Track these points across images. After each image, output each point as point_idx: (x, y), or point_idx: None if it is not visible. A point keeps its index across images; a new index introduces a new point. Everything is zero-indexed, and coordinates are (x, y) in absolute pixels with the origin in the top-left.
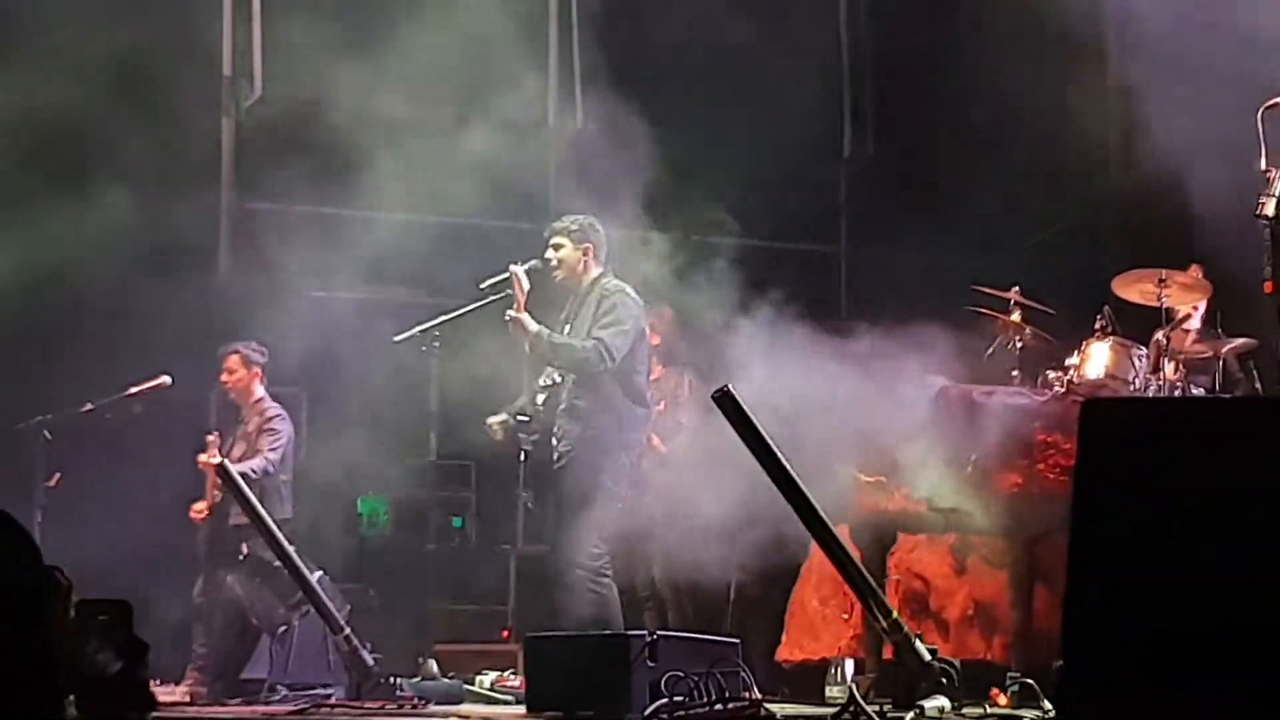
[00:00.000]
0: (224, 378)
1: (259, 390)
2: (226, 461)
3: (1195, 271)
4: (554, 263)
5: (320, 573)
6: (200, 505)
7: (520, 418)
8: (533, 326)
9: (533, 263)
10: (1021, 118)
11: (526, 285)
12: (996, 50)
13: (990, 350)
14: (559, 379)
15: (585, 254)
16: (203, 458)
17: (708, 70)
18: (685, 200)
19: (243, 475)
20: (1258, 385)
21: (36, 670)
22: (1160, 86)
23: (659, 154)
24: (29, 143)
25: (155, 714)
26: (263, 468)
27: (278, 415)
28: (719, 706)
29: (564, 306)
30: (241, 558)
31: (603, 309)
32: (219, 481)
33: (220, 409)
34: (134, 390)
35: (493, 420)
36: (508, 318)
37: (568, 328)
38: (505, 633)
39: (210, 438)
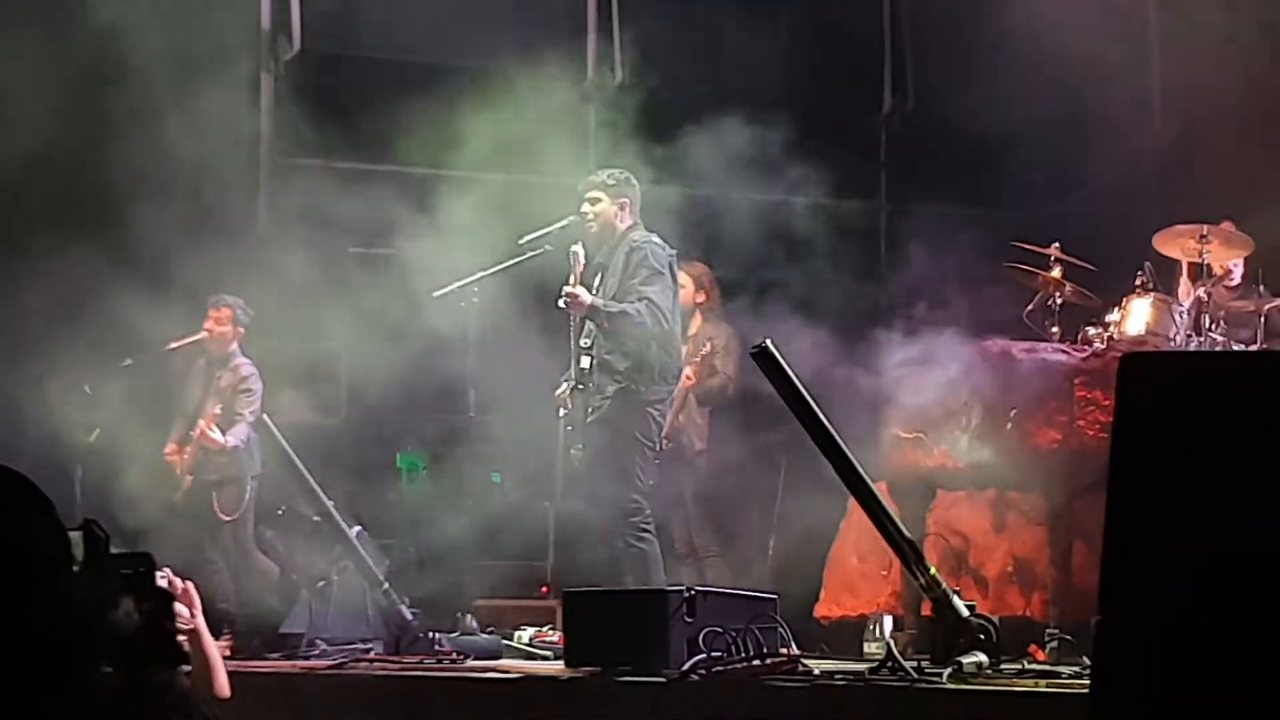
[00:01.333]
0: (208, 326)
1: (235, 348)
2: (266, 418)
3: (1229, 226)
4: (590, 217)
5: (359, 528)
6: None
7: (577, 385)
8: (588, 299)
9: (571, 218)
10: (1063, 73)
11: (583, 261)
12: (1037, 5)
13: (1030, 306)
14: (594, 334)
15: (621, 208)
16: (198, 431)
17: (745, 24)
18: (722, 156)
19: (235, 448)
20: None
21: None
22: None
23: (695, 110)
24: (67, 100)
25: (187, 668)
26: (246, 434)
27: (252, 374)
28: (757, 662)
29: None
30: (280, 512)
31: (634, 261)
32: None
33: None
34: (174, 345)
35: (558, 391)
36: (564, 293)
37: (597, 278)
38: (544, 589)
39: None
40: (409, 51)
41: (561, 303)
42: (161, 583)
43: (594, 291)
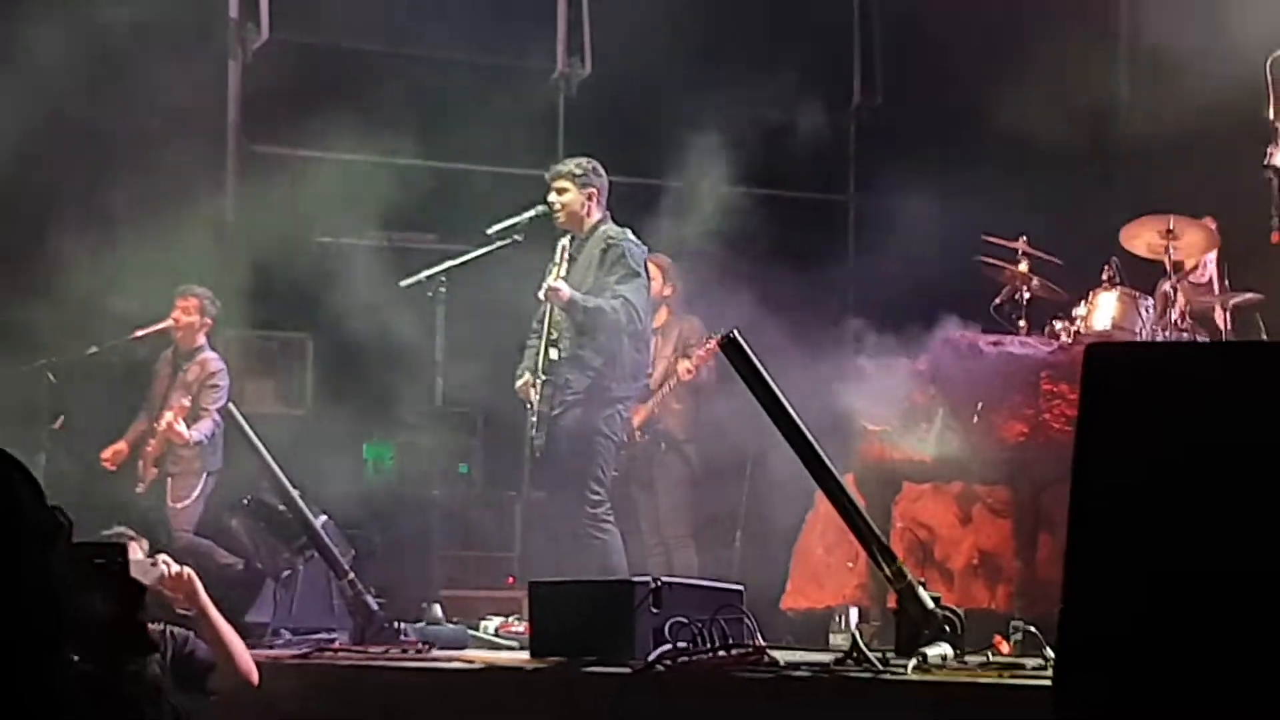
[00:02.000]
0: (175, 316)
1: (202, 340)
2: (232, 406)
3: (1206, 223)
4: (557, 206)
5: (325, 517)
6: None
7: (545, 376)
8: (567, 292)
9: (539, 209)
10: (1031, 68)
11: (566, 256)
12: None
13: (998, 300)
14: (564, 327)
15: (589, 199)
16: (161, 425)
17: (715, 16)
18: (692, 148)
19: (198, 443)
20: (1264, 338)
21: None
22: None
23: (666, 101)
24: (30, 86)
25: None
26: (211, 430)
27: (220, 370)
28: (723, 653)
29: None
30: (245, 502)
31: (611, 258)
32: (155, 451)
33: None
34: (140, 334)
35: (520, 383)
36: (545, 286)
37: (565, 267)
38: (510, 579)
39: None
40: (377, 40)
41: (541, 294)
42: (160, 568)
43: (554, 282)
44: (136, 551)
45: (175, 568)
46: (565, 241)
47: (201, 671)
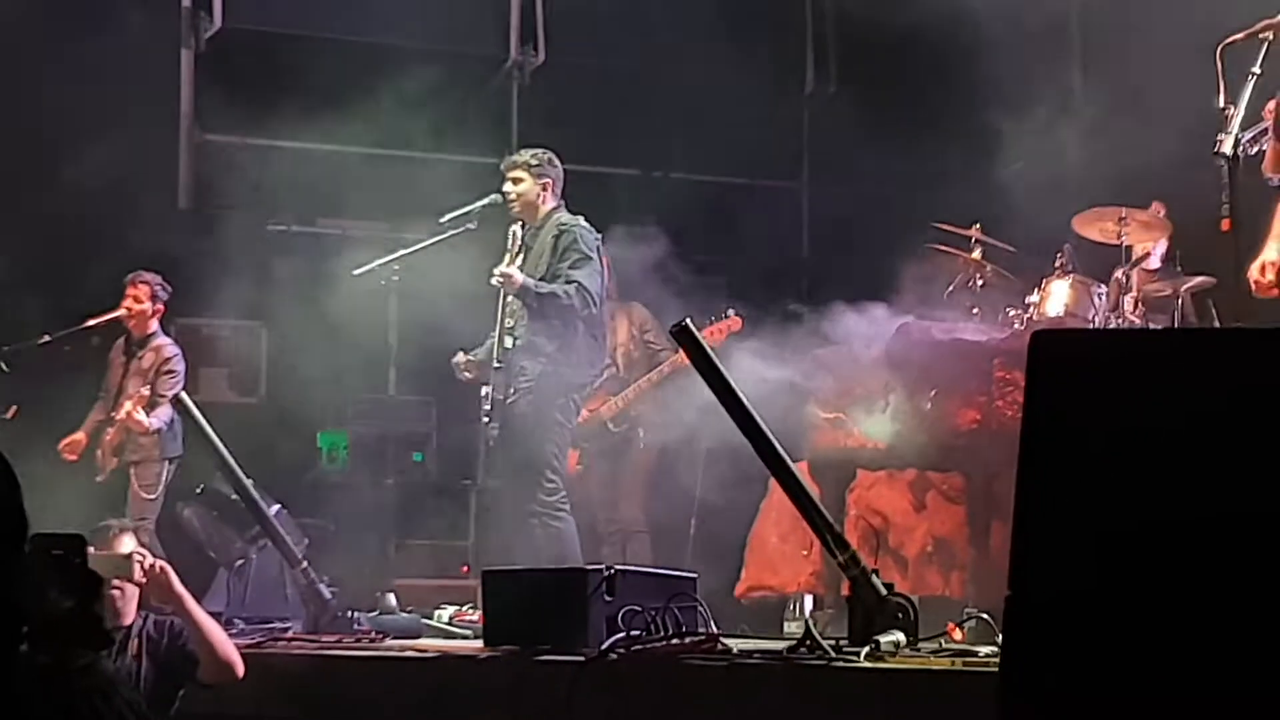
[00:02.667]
0: (127, 305)
1: (155, 326)
2: (184, 395)
3: (1156, 210)
4: (512, 196)
5: (278, 506)
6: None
7: (496, 365)
8: (520, 279)
9: (493, 197)
10: (983, 53)
11: (519, 243)
12: None
13: (951, 287)
14: (519, 314)
15: (544, 189)
16: (121, 414)
17: (669, 3)
18: (645, 136)
19: (158, 431)
20: (1216, 324)
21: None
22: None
23: (617, 89)
24: None
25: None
26: (170, 416)
27: (175, 355)
28: (676, 641)
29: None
30: (199, 491)
31: (563, 245)
32: (114, 440)
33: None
34: (92, 322)
35: (459, 359)
36: (497, 273)
37: (520, 259)
38: (464, 568)
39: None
40: (331, 29)
41: (494, 281)
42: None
43: (506, 268)
44: (129, 542)
45: (149, 560)
46: (517, 229)
47: (193, 661)
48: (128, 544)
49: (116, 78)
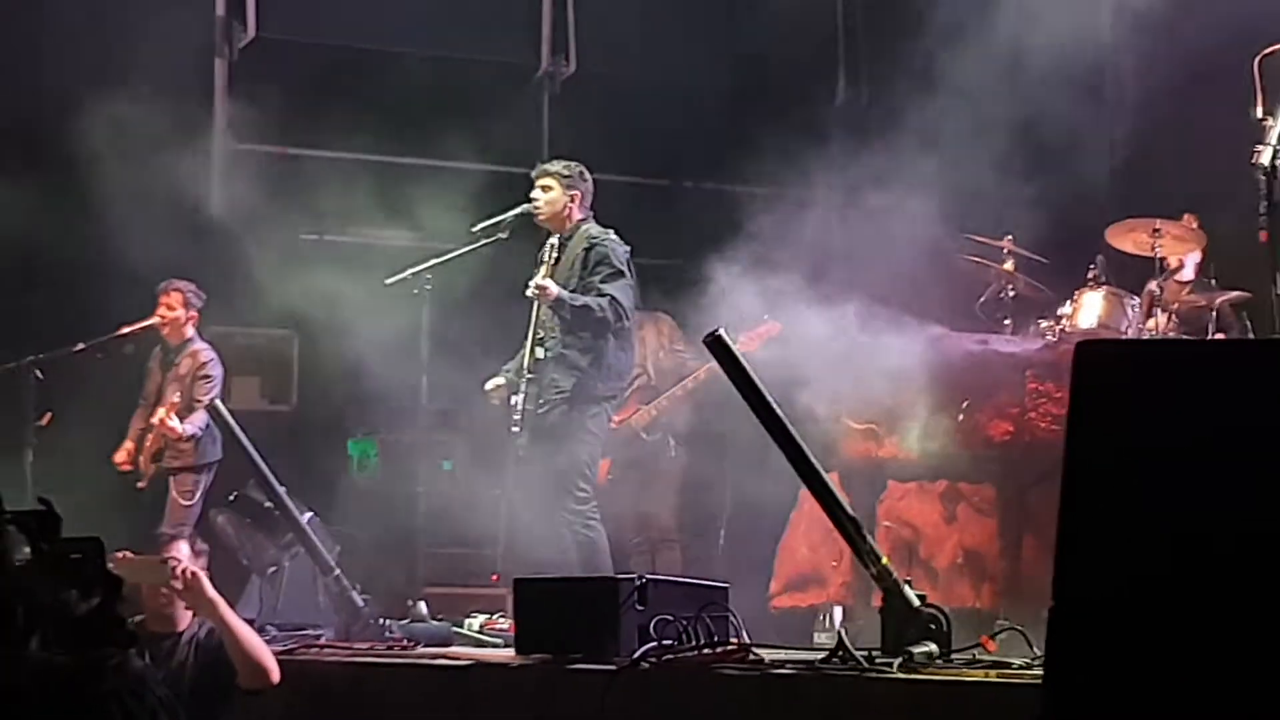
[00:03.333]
0: (161, 313)
1: (191, 333)
2: (219, 403)
3: (1189, 221)
4: (540, 204)
5: (310, 514)
6: (125, 450)
7: (528, 375)
8: (554, 290)
9: (525, 207)
10: (1018, 64)
11: (556, 255)
12: None
13: (983, 299)
14: (550, 326)
15: (572, 200)
16: (156, 420)
17: (699, 13)
18: (675, 147)
19: (193, 436)
20: (1251, 337)
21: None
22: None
23: (648, 99)
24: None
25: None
26: (205, 421)
27: (211, 360)
28: (708, 651)
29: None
30: (232, 498)
31: (594, 257)
32: (153, 446)
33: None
34: (126, 330)
35: (490, 385)
36: (533, 284)
37: (543, 268)
38: (495, 577)
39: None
40: (364, 38)
41: (530, 293)
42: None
43: (541, 280)
44: (182, 549)
45: (182, 566)
46: (555, 240)
47: (232, 668)
48: (181, 551)
49: (151, 86)
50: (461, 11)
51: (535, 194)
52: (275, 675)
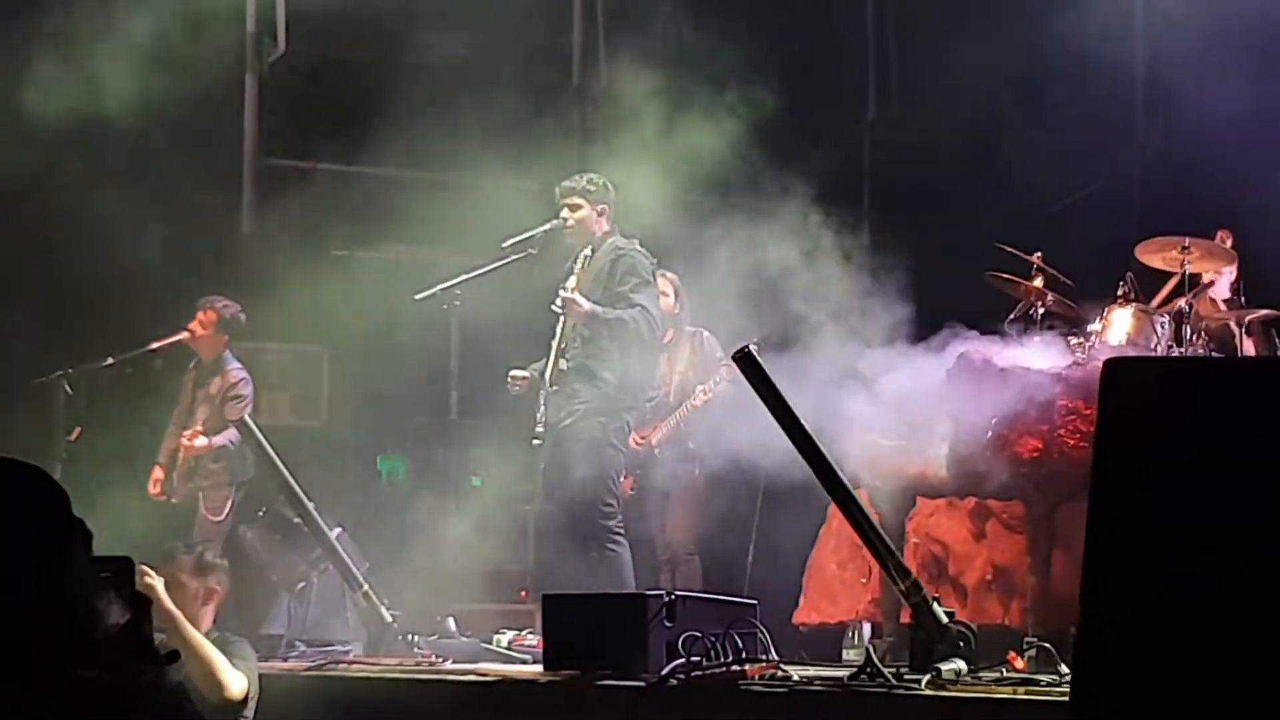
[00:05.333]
0: (194, 328)
1: (227, 353)
2: (248, 418)
3: (1222, 238)
4: (570, 223)
5: (339, 529)
6: (154, 486)
7: (552, 387)
8: (586, 305)
9: (554, 222)
10: (1045, 81)
11: (583, 266)
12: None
13: (1012, 315)
14: (573, 338)
15: (600, 214)
16: (184, 440)
17: (731, 28)
18: (703, 162)
19: (222, 448)
20: None
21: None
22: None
23: (679, 114)
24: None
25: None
26: (235, 436)
27: (242, 380)
28: (736, 667)
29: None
30: (261, 514)
31: (621, 268)
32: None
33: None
34: (155, 345)
35: (517, 373)
36: (562, 298)
37: (572, 279)
38: (523, 593)
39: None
40: (393, 54)
41: (557, 305)
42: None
43: (570, 294)
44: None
45: (142, 578)
46: (587, 252)
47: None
48: (176, 563)
49: (181, 102)
50: (493, 27)
51: (564, 214)
52: (231, 690)
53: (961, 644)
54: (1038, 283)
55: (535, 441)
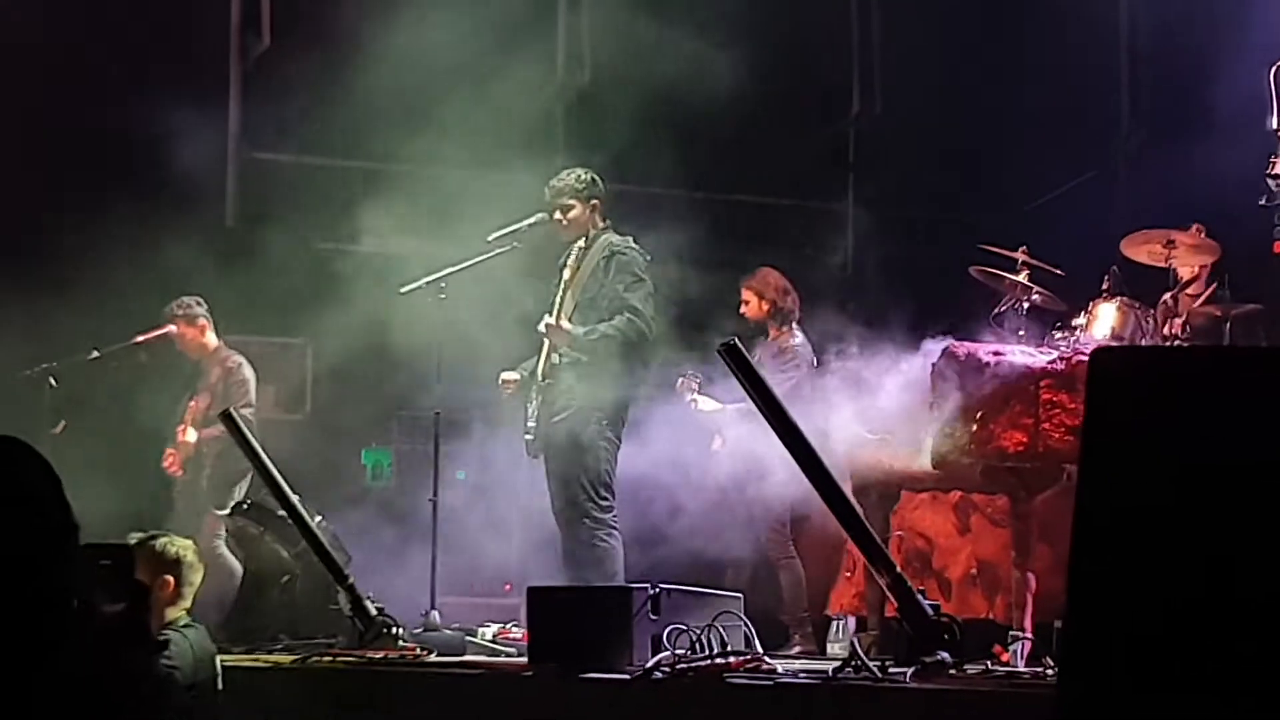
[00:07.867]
0: (176, 344)
1: (212, 339)
2: (234, 411)
3: (1196, 231)
4: (564, 223)
5: (322, 519)
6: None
7: (545, 382)
8: (568, 330)
9: (539, 216)
10: (1030, 78)
11: (569, 266)
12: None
13: (997, 310)
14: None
15: (592, 210)
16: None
17: (715, 25)
18: (688, 156)
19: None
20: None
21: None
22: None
23: (664, 109)
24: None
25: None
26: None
27: (239, 364)
28: (720, 660)
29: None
30: (246, 506)
31: (615, 265)
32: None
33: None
34: (140, 339)
35: (507, 376)
36: (545, 324)
37: (566, 273)
38: (507, 586)
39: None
40: (379, 47)
41: (541, 329)
42: None
43: (563, 291)
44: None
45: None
46: (580, 243)
47: None
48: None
49: (166, 95)
50: (478, 21)
51: (558, 215)
52: None
53: (946, 637)
54: (1022, 277)
55: (527, 437)
